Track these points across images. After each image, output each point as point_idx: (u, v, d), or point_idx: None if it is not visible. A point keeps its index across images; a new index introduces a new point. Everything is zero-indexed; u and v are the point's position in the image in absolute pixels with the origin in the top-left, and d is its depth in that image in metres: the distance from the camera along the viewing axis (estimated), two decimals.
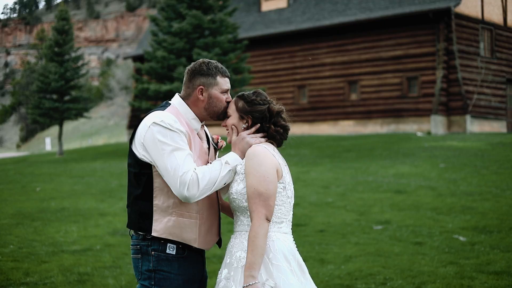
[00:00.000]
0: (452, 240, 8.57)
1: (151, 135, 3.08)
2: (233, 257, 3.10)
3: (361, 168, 16.89)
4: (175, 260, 3.16)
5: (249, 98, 3.22)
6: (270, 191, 3.02)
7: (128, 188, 3.28)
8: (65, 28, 32.35)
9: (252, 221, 2.99)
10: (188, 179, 3.00)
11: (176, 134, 3.08)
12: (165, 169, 3.04)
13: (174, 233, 3.14)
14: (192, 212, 3.17)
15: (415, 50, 27.33)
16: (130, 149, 3.22)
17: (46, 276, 6.91)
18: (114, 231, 9.81)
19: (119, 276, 6.91)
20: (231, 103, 3.28)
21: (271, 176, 3.04)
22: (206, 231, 3.24)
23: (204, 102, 3.26)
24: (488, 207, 10.92)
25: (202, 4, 24.30)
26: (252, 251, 2.93)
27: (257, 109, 3.20)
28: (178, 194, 3.03)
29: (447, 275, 6.69)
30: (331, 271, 6.99)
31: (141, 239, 3.17)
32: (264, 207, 3.00)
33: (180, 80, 23.30)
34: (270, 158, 3.08)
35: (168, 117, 3.12)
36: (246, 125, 3.23)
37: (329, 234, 9.24)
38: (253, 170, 3.03)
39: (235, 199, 3.12)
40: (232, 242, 3.16)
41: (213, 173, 3.09)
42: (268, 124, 3.20)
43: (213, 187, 3.09)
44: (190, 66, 3.31)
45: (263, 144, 3.15)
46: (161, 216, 3.14)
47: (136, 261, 3.22)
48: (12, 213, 11.49)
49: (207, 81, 3.25)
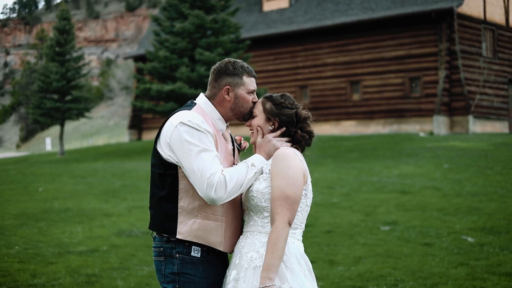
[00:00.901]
0: (461, 241, 8.52)
1: (178, 135, 3.02)
2: (243, 258, 3.04)
3: (365, 168, 16.84)
4: (200, 263, 3.09)
5: (277, 101, 3.17)
6: (297, 195, 2.99)
7: (152, 189, 3.21)
8: (66, 28, 32.27)
9: (275, 223, 2.94)
10: (215, 181, 2.94)
11: (204, 135, 3.02)
12: (191, 170, 2.97)
13: (199, 235, 3.08)
14: (217, 215, 3.11)
15: (418, 50, 27.27)
16: (154, 149, 3.15)
17: (53, 277, 6.85)
18: (120, 231, 9.74)
19: (128, 278, 6.85)
20: (258, 104, 3.23)
21: (299, 180, 3.00)
22: (231, 234, 3.19)
23: (230, 102, 3.21)
24: (494, 207, 10.86)
25: (205, 4, 24.26)
26: (272, 253, 2.88)
27: (285, 112, 3.15)
28: (205, 196, 2.97)
29: (458, 276, 6.64)
30: (341, 272, 6.93)
31: (165, 241, 3.11)
32: (289, 211, 2.95)
33: (182, 80, 23.25)
34: (299, 162, 3.04)
35: (195, 117, 3.06)
36: (272, 127, 3.17)
37: (336, 235, 9.18)
38: (282, 172, 2.98)
39: (253, 197, 3.06)
40: (243, 243, 3.10)
41: (240, 175, 3.03)
42: (295, 129, 3.16)
43: (239, 189, 3.03)
44: (216, 65, 3.25)
45: (291, 148, 3.10)
46: (186, 218, 3.08)
47: (159, 264, 3.15)
48: (15, 214, 11.42)
49: (233, 81, 3.19)
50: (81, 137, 66.30)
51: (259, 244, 3.03)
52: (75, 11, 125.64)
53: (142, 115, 36.90)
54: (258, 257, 3.00)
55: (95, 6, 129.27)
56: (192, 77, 22.95)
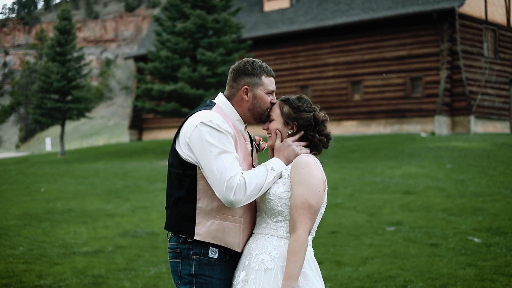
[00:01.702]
0: (467, 241, 8.49)
1: (198, 135, 2.98)
2: (253, 260, 3.02)
3: (367, 168, 16.81)
4: (217, 264, 3.06)
5: (295, 104, 3.13)
6: (319, 205, 2.98)
7: (169, 189, 3.17)
8: (67, 27, 32.22)
9: (297, 231, 2.92)
10: (235, 184, 2.91)
11: (224, 136, 2.98)
12: (211, 172, 2.94)
13: (217, 237, 3.04)
14: (236, 216, 3.08)
15: (419, 50, 27.24)
16: (173, 149, 3.11)
17: (60, 278, 6.81)
18: (124, 232, 9.70)
19: (135, 279, 6.81)
20: (275, 107, 3.19)
21: (321, 190, 3.00)
22: (248, 235, 3.16)
23: (248, 103, 3.17)
24: (499, 208, 10.83)
25: (206, 3, 24.21)
26: (295, 262, 2.88)
27: (303, 116, 3.12)
28: (223, 198, 2.94)
29: (467, 277, 6.60)
30: (349, 273, 6.89)
31: (182, 242, 3.08)
32: (310, 220, 2.96)
33: (184, 80, 23.21)
34: (319, 171, 3.03)
35: (216, 117, 3.02)
36: (291, 131, 3.14)
37: (342, 236, 9.15)
38: (305, 181, 2.96)
39: (270, 201, 3.03)
40: (254, 244, 3.07)
41: (260, 178, 2.99)
42: (313, 132, 3.13)
43: (258, 192, 3.00)
44: (235, 65, 3.21)
45: (310, 156, 3.07)
46: (204, 219, 3.04)
47: (175, 265, 3.12)
48: (18, 214, 11.37)
49: (252, 81, 3.15)
50: (81, 137, 66.25)
51: (271, 247, 3.01)
52: (74, 11, 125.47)
53: (143, 115, 36.86)
54: (270, 260, 2.98)
55: (94, 6, 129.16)
56: (194, 77, 22.90)
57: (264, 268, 2.96)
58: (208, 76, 23.17)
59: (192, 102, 23.32)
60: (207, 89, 23.38)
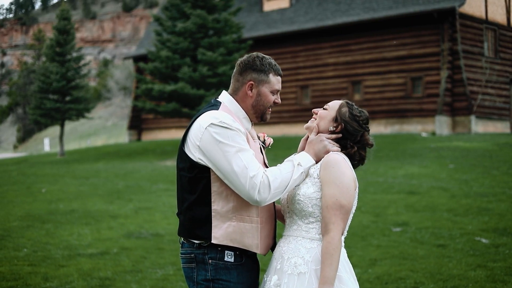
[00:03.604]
0: (475, 242, 8.43)
1: (210, 137, 2.88)
2: (285, 263, 2.93)
3: (370, 169, 16.75)
4: (233, 268, 2.97)
5: (355, 112, 3.07)
6: (350, 204, 2.92)
7: (180, 194, 3.05)
8: (67, 27, 32.11)
9: (331, 233, 2.85)
10: (258, 182, 2.82)
11: (237, 134, 2.89)
12: (231, 172, 2.84)
13: (235, 239, 2.95)
14: (253, 216, 2.98)
15: (419, 50, 27.19)
16: (183, 152, 3.00)
17: (66, 281, 6.73)
18: (129, 233, 9.62)
19: (142, 281, 6.73)
20: (335, 102, 3.13)
21: (352, 189, 2.92)
22: (266, 235, 3.06)
23: (252, 99, 3.07)
24: (504, 208, 10.78)
25: (206, 3, 24.13)
26: (331, 265, 2.81)
27: (354, 125, 3.05)
28: (248, 198, 2.85)
29: (478, 278, 6.54)
30: (359, 274, 6.82)
31: (196, 247, 2.98)
32: (343, 221, 2.89)
33: (184, 80, 23.13)
34: (350, 170, 2.96)
35: (225, 116, 2.93)
36: (334, 129, 3.07)
37: (348, 236, 9.07)
38: (336, 180, 2.88)
39: (300, 202, 2.95)
40: (285, 247, 2.99)
41: (285, 175, 2.90)
42: (353, 143, 3.07)
43: (284, 190, 2.91)
44: (243, 58, 3.11)
45: (340, 154, 3.00)
46: (220, 221, 2.94)
47: (189, 271, 3.02)
48: (21, 215, 11.28)
49: (258, 77, 3.05)
50: (79, 137, 66.10)
51: (304, 250, 2.93)
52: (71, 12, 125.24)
53: (142, 116, 36.76)
54: (303, 263, 2.90)
55: (91, 6, 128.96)
56: (194, 77, 22.82)
57: (298, 272, 2.89)
58: (208, 76, 23.09)
59: (192, 102, 23.24)
60: (208, 89, 23.30)
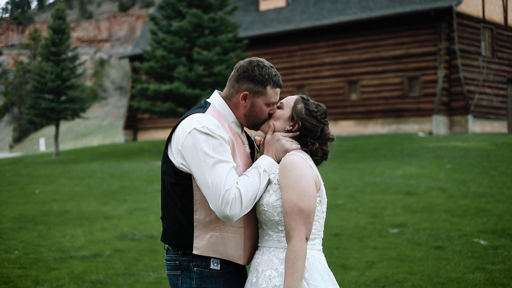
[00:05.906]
0: (473, 244, 8.31)
1: (192, 143, 2.73)
2: (260, 277, 2.80)
3: (367, 169, 16.63)
4: (220, 276, 2.83)
5: (311, 107, 2.94)
6: (311, 207, 2.75)
7: (164, 198, 2.92)
8: (62, 27, 31.89)
9: (292, 240, 2.70)
10: (231, 198, 2.67)
11: (219, 143, 2.73)
12: (205, 184, 2.70)
13: (217, 250, 2.81)
14: (236, 226, 2.84)
15: (416, 49, 27.09)
16: (165, 156, 2.86)
17: (57, 284, 6.58)
18: (122, 235, 9.47)
19: (134, 284, 6.59)
20: (289, 99, 2.98)
21: (312, 190, 2.76)
22: (252, 245, 2.93)
23: (245, 109, 2.91)
24: (503, 209, 10.67)
25: (202, 2, 23.98)
26: (293, 274, 2.65)
27: (311, 121, 2.92)
28: (219, 213, 2.70)
29: (477, 281, 6.42)
30: (356, 277, 6.70)
31: (181, 254, 2.85)
32: (305, 225, 2.72)
33: (180, 79, 22.97)
34: (309, 170, 2.80)
35: (210, 122, 2.76)
36: (290, 128, 2.93)
37: (345, 238, 8.95)
38: (292, 183, 2.73)
39: (265, 212, 2.81)
40: (259, 259, 2.86)
41: (254, 186, 2.76)
42: (313, 140, 2.94)
43: (254, 201, 2.78)
44: (243, 63, 2.93)
45: (299, 153, 2.85)
46: (202, 232, 2.81)
47: (174, 278, 2.88)
48: (13, 216, 11.13)
49: (254, 88, 2.88)
50: (75, 137, 65.88)
51: (277, 262, 2.80)
52: (67, 11, 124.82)
53: (137, 116, 36.59)
54: (277, 276, 2.77)
55: (88, 6, 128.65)
56: (190, 77, 22.67)
57: (272, 286, 2.76)
58: (204, 76, 22.93)
59: (188, 102, 23.09)
60: (204, 89, 23.15)
